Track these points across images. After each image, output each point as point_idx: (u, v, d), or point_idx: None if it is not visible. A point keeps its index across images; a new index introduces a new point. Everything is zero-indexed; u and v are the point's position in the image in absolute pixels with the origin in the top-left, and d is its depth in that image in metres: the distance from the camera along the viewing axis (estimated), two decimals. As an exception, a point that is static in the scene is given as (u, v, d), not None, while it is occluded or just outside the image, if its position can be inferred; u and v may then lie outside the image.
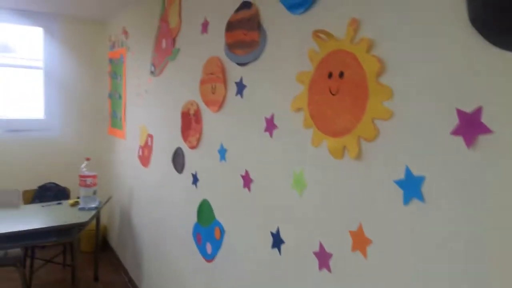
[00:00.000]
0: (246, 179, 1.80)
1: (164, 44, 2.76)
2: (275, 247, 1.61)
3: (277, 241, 1.60)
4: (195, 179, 2.32)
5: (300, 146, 1.46)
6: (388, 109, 1.11)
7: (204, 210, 2.21)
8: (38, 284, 3.45)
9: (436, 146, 0.99)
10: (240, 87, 1.85)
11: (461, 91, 0.94)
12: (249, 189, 1.79)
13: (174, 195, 2.64)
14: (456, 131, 0.94)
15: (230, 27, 1.91)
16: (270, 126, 1.63)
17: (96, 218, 3.34)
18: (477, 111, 0.90)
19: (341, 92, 1.27)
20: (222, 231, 2.02)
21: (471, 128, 0.91)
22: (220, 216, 2.05)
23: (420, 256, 1.04)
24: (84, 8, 3.83)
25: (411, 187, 1.05)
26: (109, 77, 4.21)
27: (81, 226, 2.92)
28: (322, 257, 1.37)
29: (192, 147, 2.34)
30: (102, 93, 4.42)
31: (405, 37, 1.07)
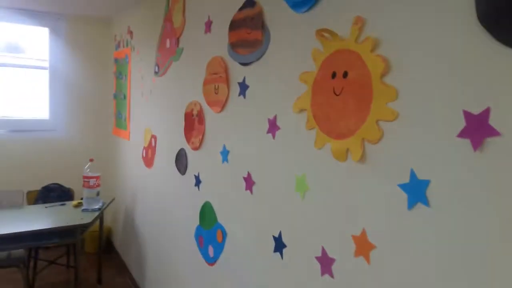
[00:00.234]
0: (248, 181, 1.77)
1: (168, 44, 2.75)
2: (277, 251, 1.58)
3: (279, 245, 1.57)
4: (198, 181, 2.29)
5: (302, 148, 1.43)
6: (393, 110, 1.08)
7: (207, 213, 2.18)
8: (41, 285, 3.45)
9: (442, 149, 0.96)
10: (243, 87, 1.82)
11: (468, 91, 0.90)
12: (251, 191, 1.76)
13: (176, 196, 2.62)
14: (463, 133, 0.91)
15: (234, 26, 1.89)
16: (273, 127, 1.60)
17: (99, 219, 3.33)
18: (485, 112, 0.86)
19: (345, 92, 1.24)
20: (224, 234, 1.99)
21: (478, 130, 0.87)
22: (222, 218, 2.02)
23: (425, 262, 1.00)
24: (90, 8, 3.83)
25: (416, 191, 1.02)
26: (114, 77, 4.21)
27: (84, 227, 2.91)
28: (325, 262, 1.33)
29: (195, 148, 2.32)
30: (107, 93, 4.42)
31: (410, 36, 1.04)
